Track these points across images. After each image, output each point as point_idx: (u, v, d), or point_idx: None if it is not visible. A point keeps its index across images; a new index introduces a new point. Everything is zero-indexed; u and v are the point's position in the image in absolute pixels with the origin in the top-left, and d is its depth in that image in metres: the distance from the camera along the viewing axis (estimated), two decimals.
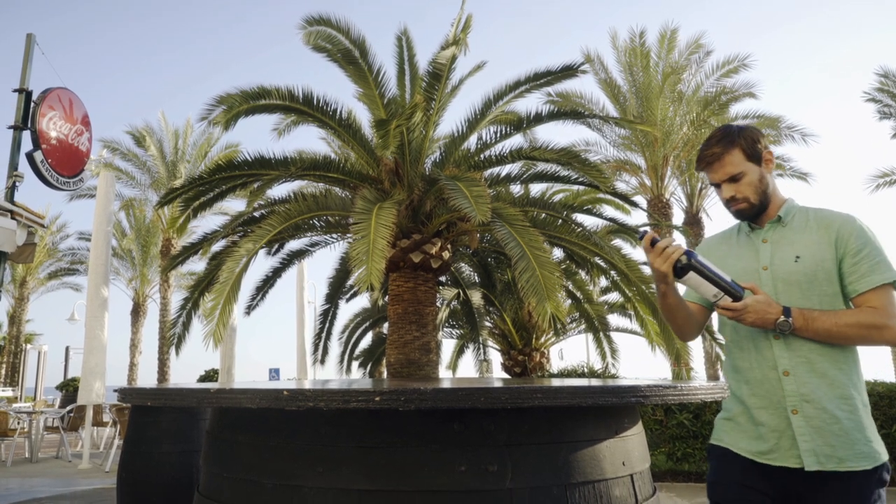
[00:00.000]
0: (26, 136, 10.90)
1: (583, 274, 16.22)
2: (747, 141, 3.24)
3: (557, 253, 13.84)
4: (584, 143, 25.88)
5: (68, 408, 16.77)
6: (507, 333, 19.49)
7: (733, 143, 3.24)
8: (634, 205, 14.93)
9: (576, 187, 15.56)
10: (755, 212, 3.28)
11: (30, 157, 10.86)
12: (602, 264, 12.97)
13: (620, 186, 24.83)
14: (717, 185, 3.34)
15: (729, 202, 3.31)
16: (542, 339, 19.80)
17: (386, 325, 14.84)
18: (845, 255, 3.08)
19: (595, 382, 1.70)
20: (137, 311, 36.40)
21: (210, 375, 27.34)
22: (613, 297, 19.05)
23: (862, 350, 3.12)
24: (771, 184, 3.29)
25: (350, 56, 12.52)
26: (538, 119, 12.27)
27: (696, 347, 26.17)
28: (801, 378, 3.04)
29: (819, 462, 2.93)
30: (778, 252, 3.22)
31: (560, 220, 12.43)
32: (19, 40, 11.28)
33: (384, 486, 1.45)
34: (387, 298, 13.23)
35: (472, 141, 12.76)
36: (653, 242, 3.17)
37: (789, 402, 3.04)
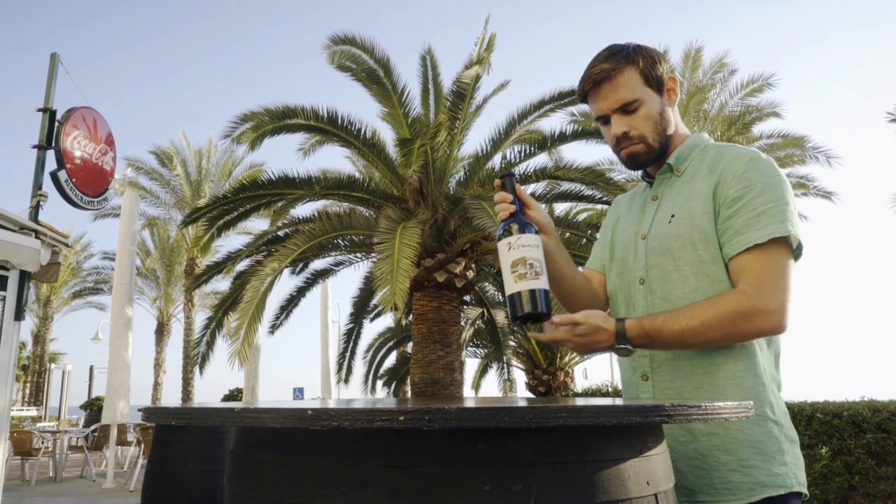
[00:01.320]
0: (50, 155, 10.95)
1: None
2: (646, 60, 2.43)
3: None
4: (608, 162, 25.78)
5: (92, 427, 16.81)
6: (532, 353, 19.48)
7: (629, 60, 2.42)
8: None
9: (600, 206, 15.51)
10: (652, 157, 2.49)
11: (54, 176, 10.91)
12: None
13: None
14: (605, 121, 2.52)
15: (619, 142, 2.49)
16: (567, 359, 19.78)
17: (410, 344, 14.84)
18: (721, 205, 2.29)
19: (619, 402, 1.68)
20: (162, 331, 36.46)
21: (234, 394, 27.42)
22: None
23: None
24: (674, 122, 2.51)
25: (374, 75, 12.56)
26: (562, 138, 12.30)
27: None
28: (661, 384, 2.42)
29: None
30: (661, 212, 2.47)
31: (584, 240, 12.41)
32: (42, 57, 11.38)
33: None
34: (411, 318, 13.23)
35: (496, 160, 12.79)
36: (503, 186, 2.57)
37: None
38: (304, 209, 35.12)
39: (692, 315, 2.19)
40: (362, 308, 17.49)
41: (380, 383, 21.87)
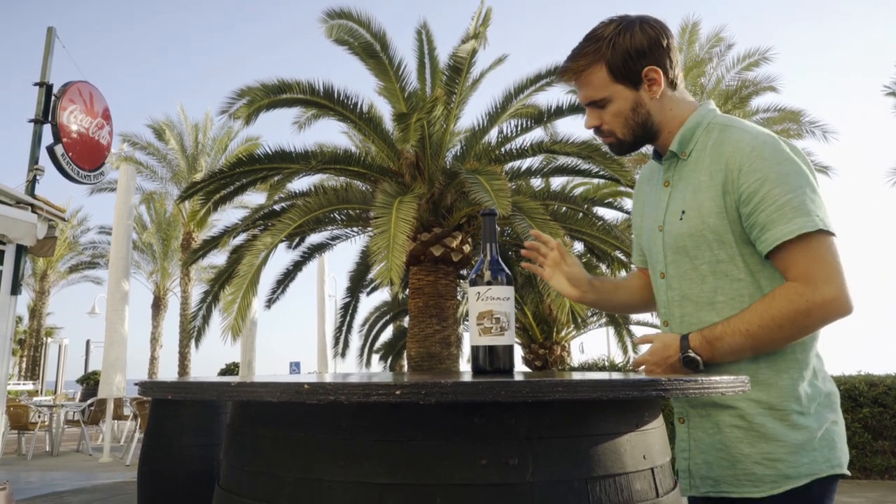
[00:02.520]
0: (47, 129, 10.92)
1: (603, 267, 16.19)
2: (618, 54, 2.34)
3: (578, 246, 13.81)
4: None
5: (89, 401, 16.88)
6: (528, 327, 19.50)
7: (598, 57, 2.36)
8: None
9: (596, 181, 15.50)
10: (626, 149, 2.51)
11: (50, 150, 10.88)
12: (623, 258, 12.93)
13: None
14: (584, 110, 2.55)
15: (595, 133, 2.54)
16: (563, 333, 19.81)
17: (406, 318, 14.85)
18: (739, 203, 2.23)
19: (616, 376, 1.68)
20: (158, 305, 36.48)
21: (231, 369, 27.43)
22: None
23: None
24: (655, 110, 2.42)
25: (371, 49, 12.52)
26: (559, 112, 12.28)
27: None
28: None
29: (693, 485, 2.36)
30: (672, 203, 2.44)
31: (581, 214, 12.43)
32: (39, 33, 11.33)
33: (405, 479, 1.44)
34: (407, 292, 13.24)
35: (492, 134, 12.78)
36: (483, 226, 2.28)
37: (677, 409, 2.46)
38: (300, 183, 35.17)
39: (749, 320, 2.17)
40: (359, 282, 17.50)
41: (376, 357, 21.90)
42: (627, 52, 2.33)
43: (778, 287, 2.20)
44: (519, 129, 12.43)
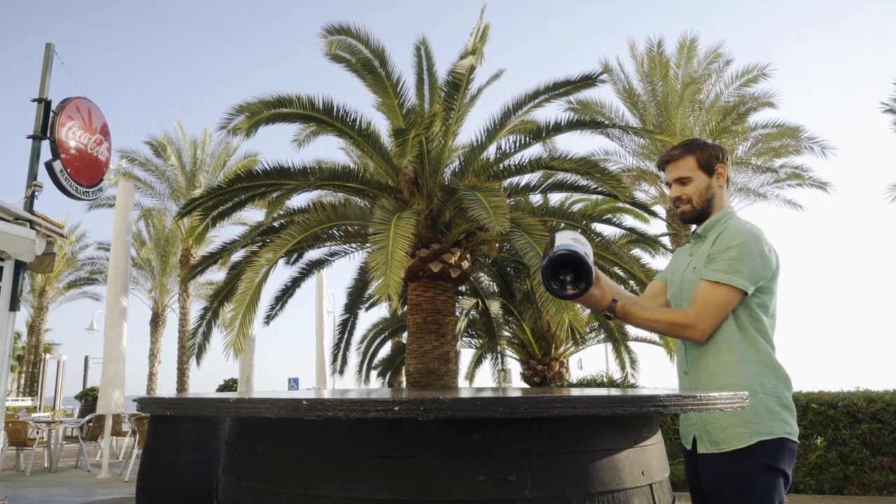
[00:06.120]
0: (45, 145, 10.92)
1: None
2: (704, 153, 3.59)
3: None
4: (603, 153, 25.74)
5: (87, 417, 16.82)
6: (527, 343, 19.47)
7: (691, 151, 3.60)
8: (654, 214, 14.88)
9: (595, 197, 15.49)
10: (695, 216, 3.63)
11: (49, 166, 10.88)
12: (621, 273, 12.91)
13: (640, 196, 24.74)
14: (670, 185, 3.71)
15: (675, 202, 3.67)
16: (562, 349, 19.77)
17: (405, 334, 14.82)
18: (711, 253, 3.42)
19: (614, 392, 1.69)
20: (157, 321, 36.44)
21: (229, 385, 27.39)
22: None
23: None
24: (717, 196, 3.61)
25: (369, 65, 12.53)
26: (557, 129, 12.28)
27: None
28: (694, 376, 3.46)
29: (700, 443, 3.35)
30: (691, 265, 3.58)
31: (579, 230, 12.41)
32: (37, 49, 11.32)
33: (403, 495, 1.45)
34: (406, 308, 13.22)
35: (491, 150, 12.77)
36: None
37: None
38: (299, 199, 35.11)
39: (655, 312, 3.48)
40: (357, 298, 17.48)
41: (374, 373, 21.85)
42: (712, 154, 3.59)
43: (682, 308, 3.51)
44: (517, 145, 12.42)
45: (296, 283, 15.62)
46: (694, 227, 3.76)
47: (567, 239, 3.13)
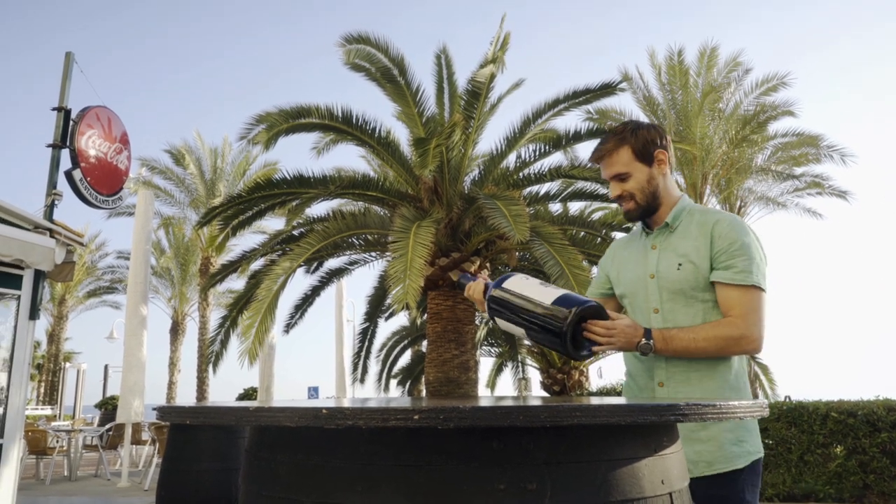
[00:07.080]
0: (65, 154, 10.94)
1: None
2: (639, 140, 3.26)
3: (596, 271, 13.77)
4: None
5: (107, 426, 16.89)
6: (546, 352, 19.44)
7: (624, 142, 3.27)
8: None
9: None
10: (641, 213, 3.33)
11: (69, 175, 10.90)
12: None
13: None
14: (608, 183, 3.42)
15: (617, 201, 3.39)
16: None
17: (425, 343, 14.81)
18: (718, 251, 3.09)
19: (635, 401, 1.67)
20: (176, 330, 36.53)
21: (249, 394, 27.46)
22: None
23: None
24: (662, 185, 3.31)
25: (389, 74, 12.55)
26: (577, 137, 12.26)
27: None
28: (675, 388, 3.14)
29: (694, 466, 3.01)
30: (664, 259, 3.24)
31: (599, 239, 12.40)
32: (57, 57, 11.37)
33: None
34: (426, 317, 13.22)
35: (510, 159, 12.76)
36: (458, 286, 3.12)
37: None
38: (318, 208, 35.07)
39: (698, 331, 3.04)
40: (377, 307, 17.48)
41: (394, 382, 21.85)
42: (647, 138, 3.27)
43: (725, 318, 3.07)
44: (537, 153, 12.41)
45: (315, 291, 15.62)
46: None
47: (535, 286, 2.82)
